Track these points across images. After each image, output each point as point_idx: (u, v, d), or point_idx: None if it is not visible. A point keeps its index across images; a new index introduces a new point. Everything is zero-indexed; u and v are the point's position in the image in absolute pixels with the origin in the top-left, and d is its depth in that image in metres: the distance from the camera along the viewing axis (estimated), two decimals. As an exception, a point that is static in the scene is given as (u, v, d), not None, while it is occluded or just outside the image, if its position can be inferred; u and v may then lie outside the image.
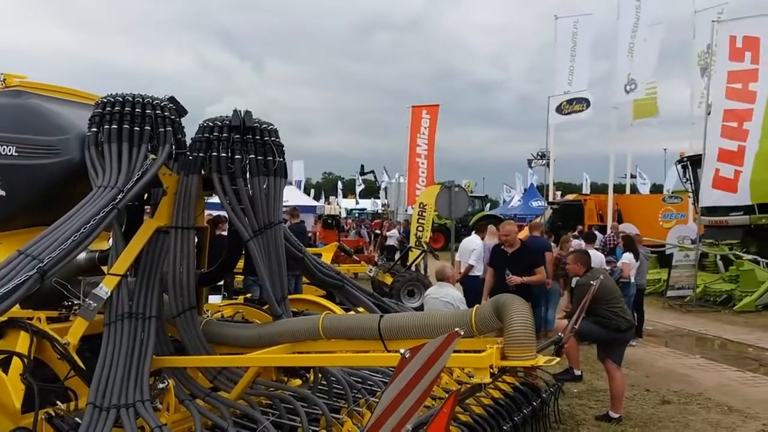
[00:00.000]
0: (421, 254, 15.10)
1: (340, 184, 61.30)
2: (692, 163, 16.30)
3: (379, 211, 50.78)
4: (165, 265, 4.29)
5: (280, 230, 4.48)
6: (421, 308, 11.81)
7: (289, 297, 6.65)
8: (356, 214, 55.03)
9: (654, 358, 9.37)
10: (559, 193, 32.09)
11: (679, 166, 17.76)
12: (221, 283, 7.99)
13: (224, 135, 4.22)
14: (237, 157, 4.19)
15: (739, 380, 8.11)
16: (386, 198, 45.44)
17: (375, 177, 54.85)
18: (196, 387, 4.27)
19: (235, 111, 4.28)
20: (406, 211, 25.30)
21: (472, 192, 41.69)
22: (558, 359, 3.66)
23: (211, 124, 4.30)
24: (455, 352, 3.83)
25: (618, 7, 18.72)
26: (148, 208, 4.84)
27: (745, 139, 13.08)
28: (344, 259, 15.63)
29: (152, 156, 4.31)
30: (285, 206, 19.68)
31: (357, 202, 59.55)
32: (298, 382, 4.82)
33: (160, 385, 4.06)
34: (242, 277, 10.21)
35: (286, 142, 4.63)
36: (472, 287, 9.26)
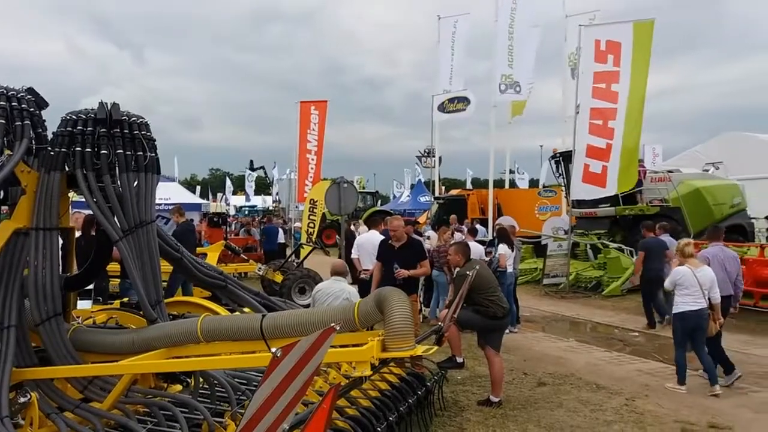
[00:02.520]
0: (311, 251, 15.04)
1: (228, 181, 59.51)
2: (564, 158, 17.40)
3: (271, 208, 49.98)
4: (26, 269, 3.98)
5: (153, 229, 4.28)
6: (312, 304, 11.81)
7: (170, 299, 6.43)
8: (246, 212, 53.79)
9: (531, 343, 9.93)
10: (444, 188, 33.11)
11: (552, 162, 18.87)
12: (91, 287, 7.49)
13: (89, 129, 3.97)
14: (103, 152, 3.95)
15: (606, 360, 8.78)
16: (277, 194, 44.85)
17: (266, 173, 53.98)
18: (65, 399, 4.01)
19: (100, 103, 4.03)
20: (297, 207, 25.10)
21: (363, 188, 42.13)
22: (436, 348, 3.77)
23: (74, 117, 4.02)
24: (337, 347, 3.89)
25: (496, 9, 19.56)
26: (5, 209, 4.45)
27: (611, 136, 14.19)
28: (232, 258, 15.20)
29: (8, 152, 3.97)
30: (171, 205, 18.87)
31: (248, 199, 58.24)
32: (179, 387, 4.65)
33: (22, 399, 3.78)
34: (119, 280, 9.64)
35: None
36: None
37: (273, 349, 2.11)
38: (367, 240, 10.17)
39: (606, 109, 14.21)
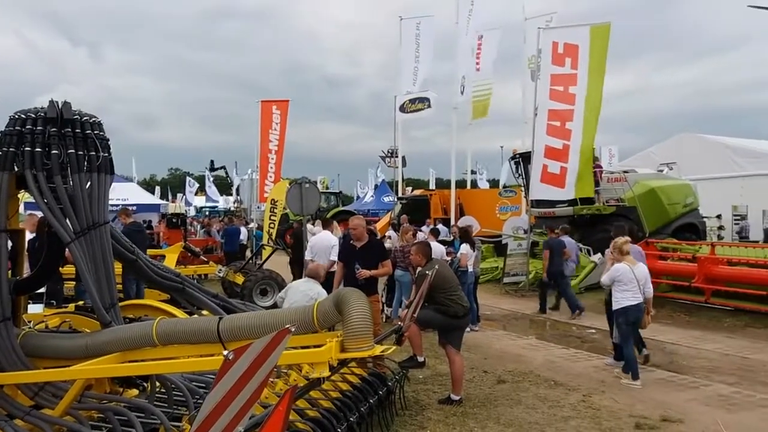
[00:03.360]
0: (273, 251, 14.91)
1: (188, 181, 58.52)
2: (524, 159, 17.66)
3: (232, 209, 49.34)
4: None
5: (107, 231, 4.18)
6: (274, 306, 11.70)
7: (128, 302, 6.30)
8: (207, 212, 53.02)
9: (492, 341, 10.06)
10: (409, 188, 33.27)
11: (512, 163, 19.12)
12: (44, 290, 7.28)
13: (39, 128, 3.86)
14: (54, 152, 3.85)
15: (564, 357, 8.95)
16: (239, 195, 44.31)
17: (226, 173, 53.29)
18: (15, 406, 3.90)
19: (51, 102, 3.92)
20: (259, 208, 24.86)
21: (327, 188, 41.95)
22: (395, 347, 3.79)
23: (23, 116, 3.91)
24: (298, 348, 3.88)
25: (457, 12, 19.73)
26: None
27: (568, 137, 14.46)
28: (192, 259, 14.97)
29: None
30: (129, 206, 18.41)
31: (211, 200, 57.42)
32: (135, 392, 4.56)
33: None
34: (74, 283, 9.40)
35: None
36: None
37: (225, 352, 2.09)
38: (319, 241, 10.18)
39: (563, 110, 14.48)
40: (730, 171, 22.42)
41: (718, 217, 20.56)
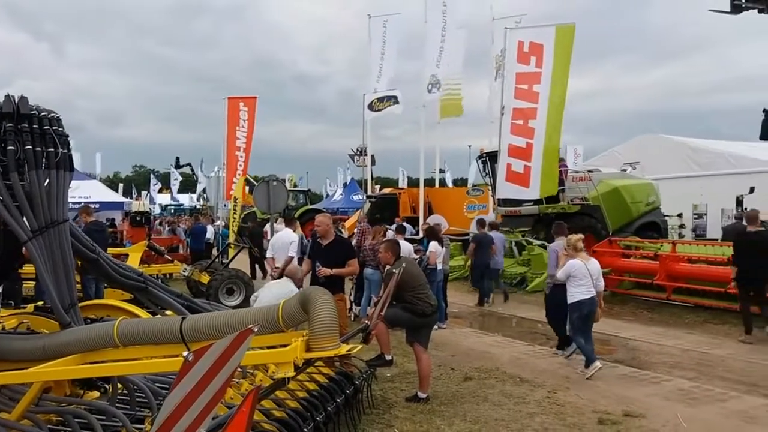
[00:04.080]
0: (240, 250, 14.76)
1: (153, 178, 57.56)
2: (490, 158, 17.84)
3: (198, 207, 48.69)
4: None
5: (66, 229, 4.07)
6: (241, 305, 11.58)
7: (89, 303, 6.16)
8: (172, 210, 52.26)
9: (459, 339, 10.13)
10: (378, 187, 33.31)
11: (479, 162, 19.32)
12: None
13: (-6, 123, 3.73)
14: (10, 148, 3.73)
15: (530, 353, 9.06)
16: (205, 193, 43.76)
17: (192, 170, 52.54)
18: (-33, 411, 3.75)
19: (7, 96, 3.80)
20: (225, 206, 24.56)
21: (295, 186, 41.72)
22: (361, 346, 3.78)
23: (-24, 111, 3.77)
24: (264, 348, 3.83)
25: (425, 10, 19.79)
26: None
27: (531, 136, 14.65)
28: (156, 258, 14.72)
29: None
30: (92, 203, 17.97)
31: (176, 198, 56.61)
32: (96, 394, 4.46)
33: None
34: (33, 283, 9.14)
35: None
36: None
37: (184, 353, 2.05)
38: (279, 238, 10.15)
39: (527, 108, 14.67)
40: (690, 171, 23.03)
41: (679, 215, 21.09)
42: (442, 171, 38.65)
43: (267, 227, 18.18)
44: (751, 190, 16.22)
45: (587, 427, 5.86)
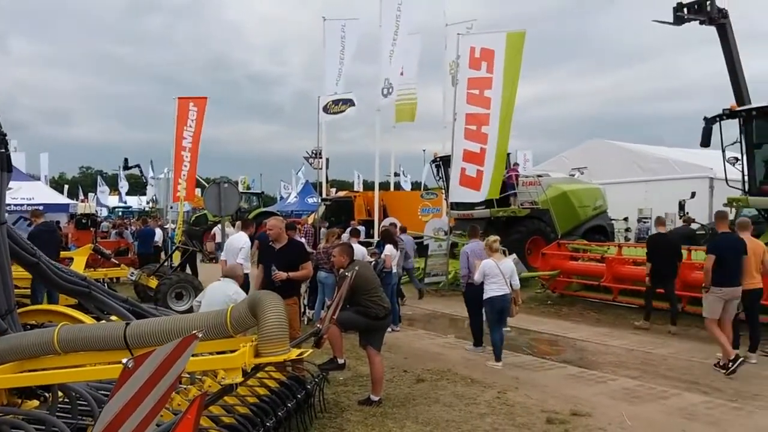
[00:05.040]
0: (188, 253, 14.46)
1: (100, 180, 55.85)
2: (444, 162, 18.02)
3: (147, 209, 47.48)
4: None
5: (3, 232, 3.91)
6: (190, 310, 11.34)
7: (30, 308, 5.92)
8: (120, 213, 50.85)
9: (412, 341, 10.18)
10: (333, 189, 33.20)
11: (433, 166, 19.50)
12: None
13: (-75, 121, 3.56)
14: (-58, 147, 3.56)
15: (480, 354, 9.17)
16: (154, 194, 42.67)
17: (141, 171, 51.24)
18: None
19: (-61, 93, 3.63)
20: (172, 208, 24.05)
21: (248, 188, 41.12)
22: (311, 350, 3.75)
23: None
24: (211, 353, 3.76)
25: (380, 14, 19.83)
26: None
27: (485, 141, 14.87)
28: (103, 262, 14.28)
29: None
30: (35, 205, 17.33)
31: (124, 200, 55.10)
32: (36, 403, 4.29)
33: None
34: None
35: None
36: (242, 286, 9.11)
37: (124, 360, 1.99)
38: (231, 242, 10.03)
39: (479, 114, 14.87)
40: (635, 176, 23.77)
41: (625, 219, 21.77)
42: (397, 174, 38.85)
43: (215, 229, 17.84)
44: (693, 194, 16.85)
45: (536, 427, 5.97)
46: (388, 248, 10.90)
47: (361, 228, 16.65)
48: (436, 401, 6.73)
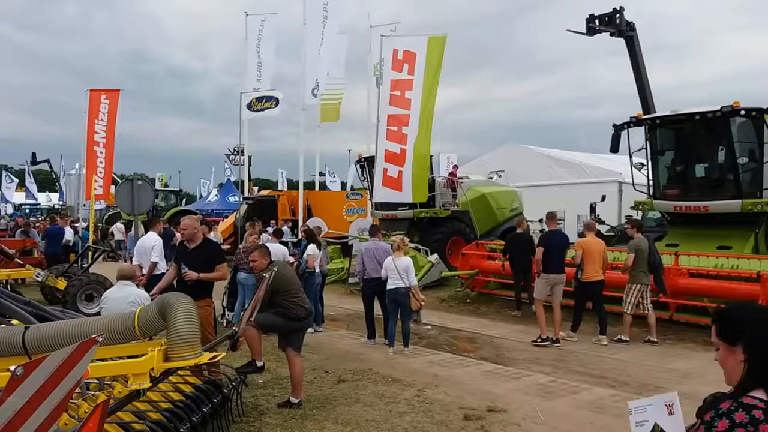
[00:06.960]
0: (100, 253, 13.80)
1: (5, 175, 52.50)
2: (368, 163, 18.11)
3: (57, 207, 45.03)
4: None
5: None
6: (101, 313, 10.82)
7: None
8: (27, 210, 48.00)
9: (335, 341, 10.14)
10: (256, 188, 32.63)
11: (357, 166, 19.56)
12: None
13: None
14: None
15: (401, 353, 9.26)
16: (65, 191, 40.55)
17: (51, 167, 48.56)
18: None
19: None
20: (85, 206, 22.91)
21: (166, 186, 39.77)
22: (223, 354, 3.66)
23: None
24: (121, 358, 3.60)
25: (304, 13, 19.67)
26: None
27: (405, 142, 15.05)
28: (5, 263, 13.40)
29: None
30: None
31: (34, 197, 52.01)
32: None
33: None
34: None
35: None
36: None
37: (11, 367, 1.86)
38: (141, 243, 9.67)
39: (401, 115, 15.05)
40: (550, 179, 24.78)
41: (540, 221, 22.56)
42: (323, 174, 38.66)
43: (114, 227, 17.06)
44: (603, 198, 17.73)
45: (454, 424, 6.08)
46: (311, 248, 10.81)
47: (286, 229, 16.44)
48: (357, 401, 6.73)
